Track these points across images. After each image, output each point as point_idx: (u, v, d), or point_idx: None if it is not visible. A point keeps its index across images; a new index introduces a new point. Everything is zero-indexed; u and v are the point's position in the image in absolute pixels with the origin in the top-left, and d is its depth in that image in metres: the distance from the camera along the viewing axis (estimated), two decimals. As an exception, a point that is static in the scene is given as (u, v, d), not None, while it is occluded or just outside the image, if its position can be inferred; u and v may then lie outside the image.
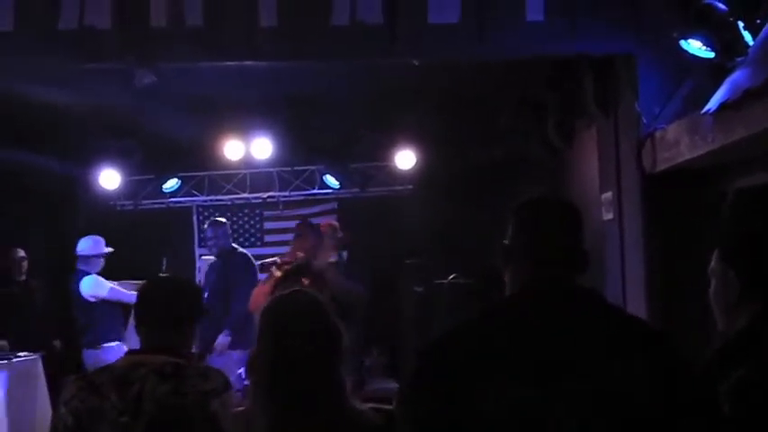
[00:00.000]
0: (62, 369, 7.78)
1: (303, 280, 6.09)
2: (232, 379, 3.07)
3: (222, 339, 7.85)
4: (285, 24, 5.88)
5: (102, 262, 8.56)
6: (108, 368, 2.99)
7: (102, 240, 8.62)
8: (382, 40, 5.97)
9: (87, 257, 8.45)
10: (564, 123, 7.66)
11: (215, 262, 8.77)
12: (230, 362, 7.13)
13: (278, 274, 6.45)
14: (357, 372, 7.56)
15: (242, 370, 5.33)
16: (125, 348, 6.87)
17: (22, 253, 8.91)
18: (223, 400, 2.85)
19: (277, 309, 2.81)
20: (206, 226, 9.48)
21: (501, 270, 2.38)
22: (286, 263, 6.68)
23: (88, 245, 8.51)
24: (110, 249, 8.63)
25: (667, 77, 6.15)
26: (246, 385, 2.83)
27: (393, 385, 8.39)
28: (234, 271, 8.30)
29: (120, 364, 2.96)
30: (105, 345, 8.20)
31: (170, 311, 3.04)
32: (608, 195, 6.73)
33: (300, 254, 6.76)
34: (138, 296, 3.11)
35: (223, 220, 9.25)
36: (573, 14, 6.03)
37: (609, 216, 6.65)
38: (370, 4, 5.89)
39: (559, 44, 6.15)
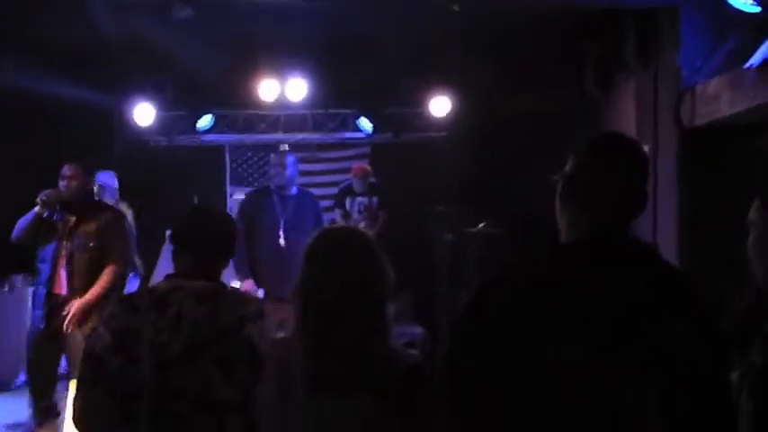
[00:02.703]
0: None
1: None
2: None
3: None
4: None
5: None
6: (147, 290, 3.08)
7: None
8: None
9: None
10: (602, 74, 7.58)
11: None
12: None
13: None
14: None
15: None
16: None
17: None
18: (259, 325, 2.92)
19: (320, 242, 2.82)
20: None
21: (548, 209, 2.32)
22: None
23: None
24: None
25: (710, 31, 6.07)
26: None
27: (418, 330, 8.44)
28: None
29: (160, 287, 3.04)
30: None
31: (209, 238, 3.12)
32: (644, 148, 6.67)
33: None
34: (179, 222, 3.19)
35: None
36: (617, -37, 5.94)
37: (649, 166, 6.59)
38: (413, -55, 5.83)
39: (602, -7, 6.08)
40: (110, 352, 2.89)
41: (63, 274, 6.13)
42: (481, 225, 9.01)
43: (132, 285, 7.61)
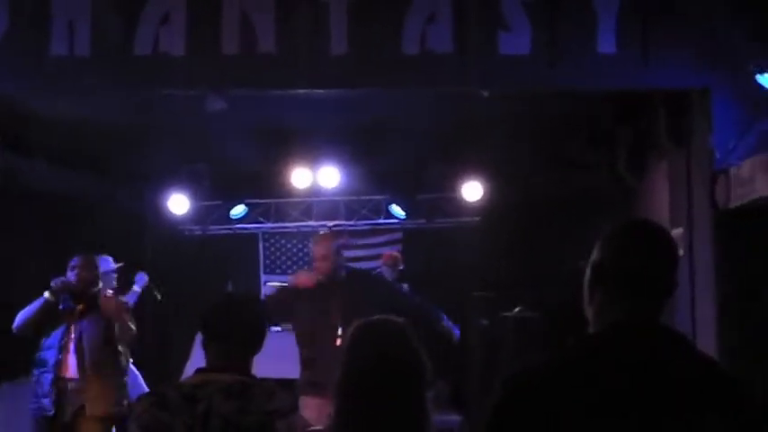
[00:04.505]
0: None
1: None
2: None
3: None
4: (355, 52, 5.91)
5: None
6: (177, 385, 3.04)
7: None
8: (452, 70, 5.96)
9: None
10: (635, 157, 7.56)
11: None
12: None
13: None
14: None
15: None
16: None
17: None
18: (289, 421, 2.87)
19: (363, 336, 2.82)
20: None
21: (582, 295, 2.27)
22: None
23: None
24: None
25: (743, 112, 6.02)
26: None
27: (456, 418, 8.31)
28: None
29: (189, 382, 3.02)
30: None
31: (238, 329, 3.08)
32: (678, 231, 6.60)
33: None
34: (207, 313, 3.15)
35: None
36: (646, 47, 5.95)
37: (679, 252, 6.50)
38: (441, 34, 5.89)
39: (632, 77, 6.07)
40: None
41: (72, 358, 6.24)
42: (516, 309, 8.93)
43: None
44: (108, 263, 8.23)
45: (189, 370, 8.48)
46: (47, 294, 6.25)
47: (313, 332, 6.31)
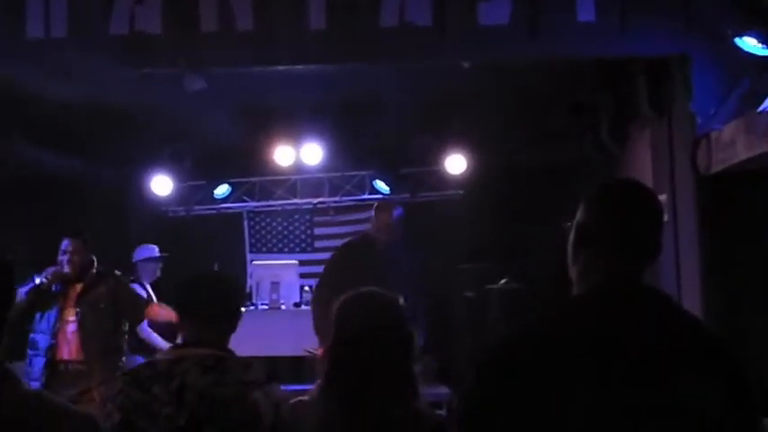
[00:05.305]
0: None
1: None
2: None
3: None
4: (334, 27, 5.89)
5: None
6: (152, 363, 3.03)
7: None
8: (431, 42, 5.95)
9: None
10: (617, 125, 7.57)
11: None
12: None
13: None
14: None
15: None
16: None
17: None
18: (266, 390, 2.88)
19: (354, 306, 2.85)
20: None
21: (567, 256, 2.25)
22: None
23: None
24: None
25: (722, 76, 6.04)
26: None
27: (444, 390, 8.33)
28: None
29: (164, 358, 3.01)
30: None
31: (214, 306, 3.07)
32: (662, 197, 6.63)
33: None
34: (182, 290, 3.14)
35: None
36: (624, 14, 5.96)
37: (664, 215, 6.54)
38: (419, 6, 5.88)
39: (611, 45, 6.08)
40: (119, 429, 2.85)
41: (70, 341, 6.21)
42: (502, 281, 8.94)
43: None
44: (151, 251, 8.31)
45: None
46: (36, 280, 6.22)
47: None
